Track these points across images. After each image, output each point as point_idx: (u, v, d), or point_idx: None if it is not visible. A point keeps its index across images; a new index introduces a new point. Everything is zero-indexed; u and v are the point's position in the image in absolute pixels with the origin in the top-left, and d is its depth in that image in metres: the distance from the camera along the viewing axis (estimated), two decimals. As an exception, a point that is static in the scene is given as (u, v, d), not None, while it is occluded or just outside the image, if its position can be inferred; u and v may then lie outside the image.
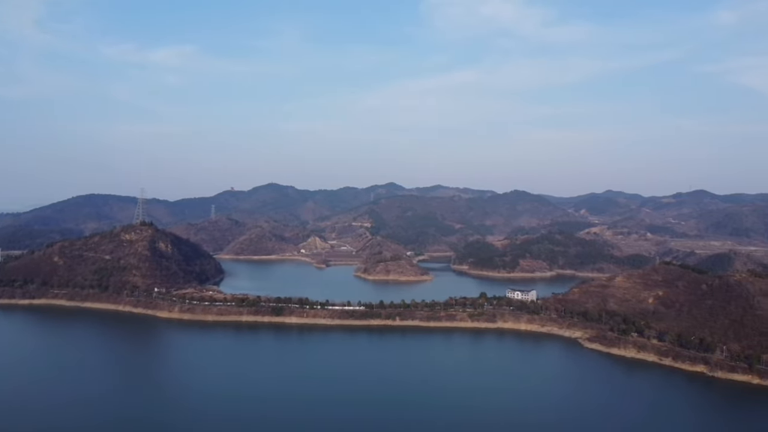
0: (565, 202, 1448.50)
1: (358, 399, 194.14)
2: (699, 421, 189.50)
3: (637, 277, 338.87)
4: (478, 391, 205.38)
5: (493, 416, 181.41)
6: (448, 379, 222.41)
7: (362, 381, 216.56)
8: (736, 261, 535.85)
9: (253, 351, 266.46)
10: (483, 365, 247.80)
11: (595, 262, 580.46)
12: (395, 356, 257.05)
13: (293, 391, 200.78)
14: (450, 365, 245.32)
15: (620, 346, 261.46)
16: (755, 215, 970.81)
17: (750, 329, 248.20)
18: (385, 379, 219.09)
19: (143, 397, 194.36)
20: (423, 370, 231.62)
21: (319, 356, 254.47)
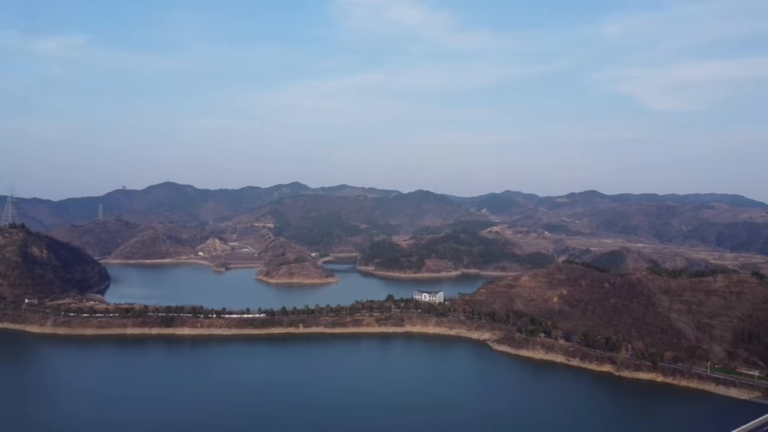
0: (467, 202, 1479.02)
1: (252, 419, 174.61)
2: (606, 421, 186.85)
3: (541, 276, 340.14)
4: (389, 407, 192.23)
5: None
6: (354, 388, 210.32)
7: (258, 399, 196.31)
8: (628, 257, 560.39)
9: (137, 368, 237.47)
10: (391, 372, 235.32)
11: (498, 261, 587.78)
12: (298, 367, 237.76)
13: (176, 415, 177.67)
14: (356, 373, 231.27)
15: (529, 348, 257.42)
16: (641, 214, 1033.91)
17: (652, 327, 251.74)
18: (285, 395, 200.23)
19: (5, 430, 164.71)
20: (328, 381, 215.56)
21: (212, 371, 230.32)
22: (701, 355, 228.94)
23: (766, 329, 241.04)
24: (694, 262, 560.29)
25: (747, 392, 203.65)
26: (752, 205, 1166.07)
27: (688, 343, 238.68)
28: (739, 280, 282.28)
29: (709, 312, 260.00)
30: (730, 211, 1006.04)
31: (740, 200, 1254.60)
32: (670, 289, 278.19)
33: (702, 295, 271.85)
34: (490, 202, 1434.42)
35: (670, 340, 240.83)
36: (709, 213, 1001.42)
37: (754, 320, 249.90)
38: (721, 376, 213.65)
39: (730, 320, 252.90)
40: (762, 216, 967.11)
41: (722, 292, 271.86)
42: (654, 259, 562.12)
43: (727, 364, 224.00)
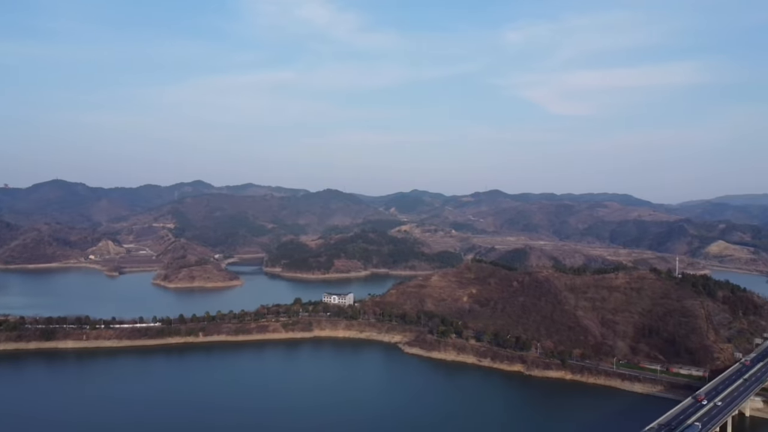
0: (376, 201, 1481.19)
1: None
2: (513, 420, 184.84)
3: (451, 275, 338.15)
4: (292, 412, 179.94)
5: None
6: (258, 396, 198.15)
7: (147, 416, 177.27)
8: (531, 255, 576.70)
9: (6, 390, 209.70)
10: (296, 380, 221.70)
11: (408, 260, 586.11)
12: (195, 380, 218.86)
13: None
14: (259, 383, 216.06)
15: (440, 350, 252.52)
16: (541, 212, 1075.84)
17: (560, 324, 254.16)
18: (178, 411, 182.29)
19: None
20: (228, 392, 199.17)
21: (94, 388, 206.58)
22: (607, 351, 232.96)
23: (664, 324, 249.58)
24: (591, 258, 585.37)
25: (650, 387, 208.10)
26: (640, 204, 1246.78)
27: (594, 339, 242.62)
28: (638, 276, 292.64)
29: (612, 308, 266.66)
30: (621, 210, 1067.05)
31: (629, 199, 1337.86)
32: (575, 287, 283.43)
33: (605, 292, 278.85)
34: (398, 202, 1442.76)
35: (578, 338, 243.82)
36: (603, 211, 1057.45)
37: (653, 315, 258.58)
38: (626, 372, 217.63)
39: (631, 316, 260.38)
40: (649, 214, 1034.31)
41: (624, 289, 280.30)
42: (555, 256, 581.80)
43: (631, 359, 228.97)
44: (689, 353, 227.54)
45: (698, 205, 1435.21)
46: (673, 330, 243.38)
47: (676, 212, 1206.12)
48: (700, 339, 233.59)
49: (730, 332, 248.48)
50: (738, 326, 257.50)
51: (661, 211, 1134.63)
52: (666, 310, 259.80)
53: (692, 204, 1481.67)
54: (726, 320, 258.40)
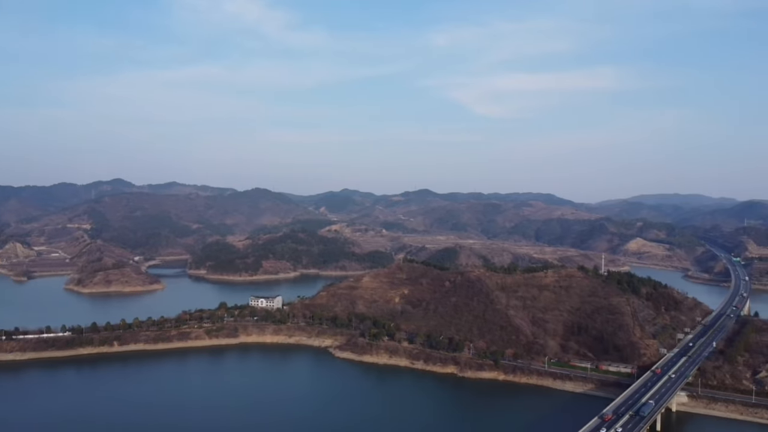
0: (306, 200, 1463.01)
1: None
2: (443, 422, 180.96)
3: (383, 276, 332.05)
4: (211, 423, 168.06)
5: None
6: (177, 405, 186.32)
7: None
8: (461, 253, 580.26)
9: None
10: (218, 390, 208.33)
11: (338, 260, 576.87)
12: (107, 394, 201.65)
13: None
14: (179, 394, 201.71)
15: (372, 353, 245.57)
16: (470, 212, 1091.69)
17: (492, 324, 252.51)
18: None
19: None
20: (145, 405, 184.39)
21: None
22: (538, 350, 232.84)
23: (593, 321, 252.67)
24: (519, 256, 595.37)
25: (581, 385, 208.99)
26: (563, 203, 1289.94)
27: (526, 339, 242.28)
28: (567, 274, 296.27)
29: (542, 307, 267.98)
30: (545, 209, 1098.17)
31: (553, 199, 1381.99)
32: (506, 286, 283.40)
33: (535, 291, 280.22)
34: (328, 201, 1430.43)
35: (510, 337, 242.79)
36: (528, 210, 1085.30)
37: (582, 313, 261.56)
38: (557, 370, 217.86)
39: (561, 314, 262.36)
40: (572, 213, 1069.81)
41: (553, 287, 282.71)
42: (484, 255, 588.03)
43: (562, 357, 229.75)
44: (617, 350, 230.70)
45: (616, 204, 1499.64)
46: (602, 327, 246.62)
47: (596, 211, 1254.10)
48: (627, 336, 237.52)
49: (654, 328, 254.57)
50: (661, 322, 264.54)
51: (582, 210, 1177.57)
52: (594, 307, 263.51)
53: (610, 203, 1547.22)
54: (650, 316, 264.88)
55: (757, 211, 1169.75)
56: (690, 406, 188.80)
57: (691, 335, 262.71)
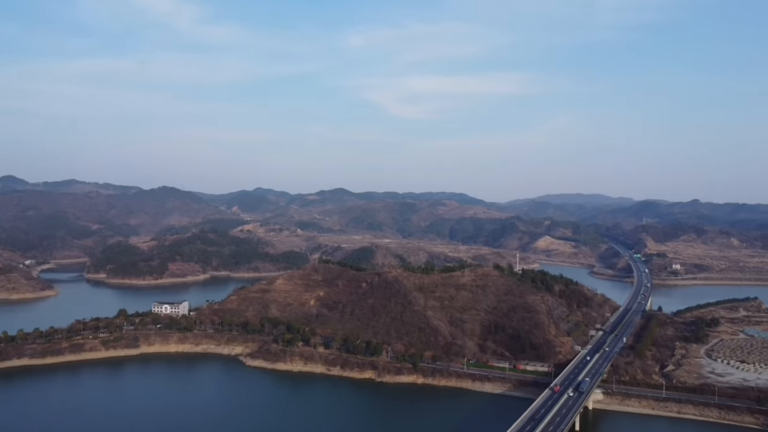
0: (217, 199, 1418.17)
1: None
2: (358, 430, 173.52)
3: (297, 278, 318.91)
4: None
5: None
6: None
7: None
8: (378, 253, 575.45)
9: None
10: (116, 407, 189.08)
11: (251, 262, 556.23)
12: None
13: None
14: (71, 416, 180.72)
15: (286, 360, 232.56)
16: (385, 211, 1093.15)
17: (410, 326, 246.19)
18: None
19: None
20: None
21: None
22: (457, 351, 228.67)
23: (509, 320, 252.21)
24: (434, 255, 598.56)
25: (500, 386, 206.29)
26: (475, 203, 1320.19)
27: (445, 340, 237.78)
28: (483, 273, 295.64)
29: (460, 307, 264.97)
30: (458, 208, 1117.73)
31: (465, 198, 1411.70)
32: (424, 286, 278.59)
33: (453, 290, 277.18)
34: (241, 200, 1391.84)
35: (428, 339, 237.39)
36: (442, 210, 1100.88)
37: (498, 312, 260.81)
38: (476, 371, 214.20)
39: (478, 313, 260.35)
40: (483, 212, 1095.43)
41: (470, 287, 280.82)
42: (400, 254, 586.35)
43: (480, 357, 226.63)
44: (534, 348, 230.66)
45: (524, 204, 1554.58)
46: (518, 326, 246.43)
47: (506, 210, 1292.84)
48: (543, 334, 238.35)
49: (568, 325, 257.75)
50: (574, 319, 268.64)
51: (493, 210, 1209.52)
52: (510, 306, 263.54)
53: (519, 202, 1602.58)
54: (564, 314, 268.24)
55: (653, 210, 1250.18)
56: (605, 403, 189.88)
57: (602, 331, 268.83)
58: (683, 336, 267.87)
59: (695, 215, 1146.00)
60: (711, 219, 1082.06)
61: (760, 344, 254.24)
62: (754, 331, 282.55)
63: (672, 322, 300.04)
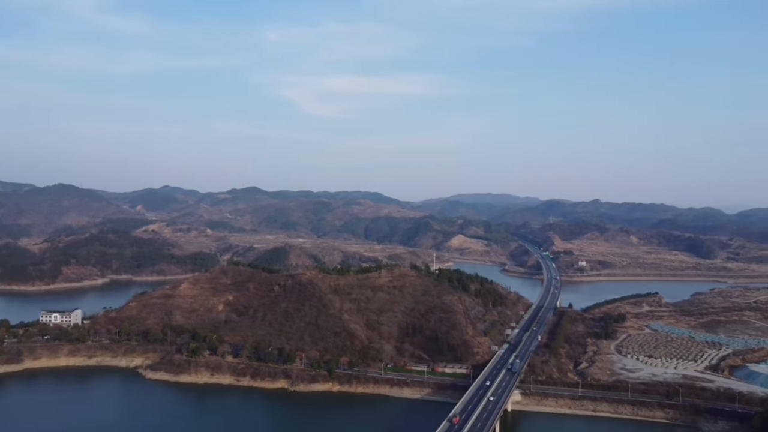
0: (120, 198, 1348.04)
1: None
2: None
3: (204, 281, 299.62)
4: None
5: None
6: None
7: None
8: (291, 253, 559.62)
9: None
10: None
11: (155, 264, 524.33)
12: None
13: None
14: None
15: (191, 371, 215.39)
16: (300, 210, 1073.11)
17: (325, 331, 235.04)
18: None
19: None
20: None
21: None
22: (374, 355, 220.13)
23: (427, 321, 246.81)
24: (350, 255, 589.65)
25: (419, 390, 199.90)
26: (389, 202, 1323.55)
27: (361, 344, 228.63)
28: (400, 274, 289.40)
29: (377, 309, 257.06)
30: (373, 207, 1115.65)
31: (380, 197, 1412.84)
32: (339, 288, 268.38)
33: (369, 292, 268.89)
34: (146, 198, 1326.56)
35: (344, 344, 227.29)
36: (357, 209, 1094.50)
37: (416, 313, 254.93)
38: (394, 376, 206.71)
39: (395, 315, 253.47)
40: (398, 211, 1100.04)
41: (387, 288, 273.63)
42: (315, 254, 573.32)
43: (398, 361, 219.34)
44: (451, 350, 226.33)
45: (438, 203, 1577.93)
46: (436, 327, 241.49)
47: (420, 209, 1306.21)
48: (461, 334, 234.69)
49: (485, 325, 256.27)
50: (490, 318, 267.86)
51: (408, 209, 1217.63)
52: (427, 307, 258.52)
53: (433, 202, 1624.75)
54: (480, 313, 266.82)
55: (558, 209, 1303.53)
56: (524, 404, 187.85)
57: (517, 330, 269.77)
58: (594, 332, 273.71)
59: (596, 214, 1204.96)
60: (611, 218, 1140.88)
61: (665, 338, 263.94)
62: (657, 326, 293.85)
63: (582, 318, 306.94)
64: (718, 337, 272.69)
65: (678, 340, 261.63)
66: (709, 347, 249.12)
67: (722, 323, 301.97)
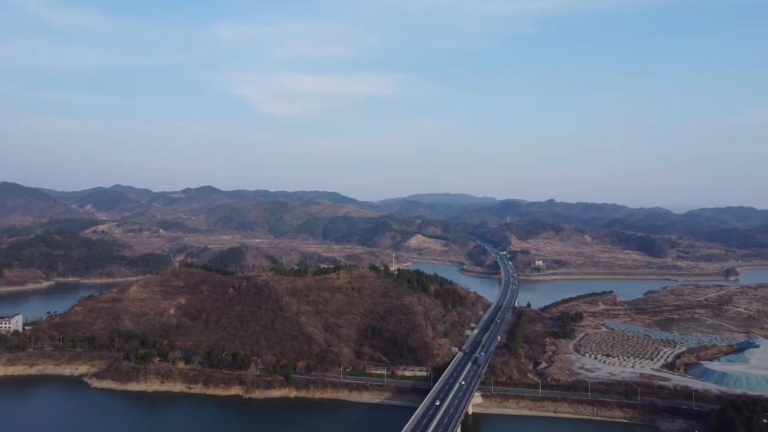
0: (69, 197, 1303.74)
1: None
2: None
3: (155, 284, 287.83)
4: None
5: None
6: None
7: None
8: (248, 254, 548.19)
9: None
10: None
11: (104, 266, 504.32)
12: None
13: None
14: None
15: (140, 379, 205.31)
16: (256, 210, 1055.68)
17: (282, 334, 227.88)
18: None
19: None
20: None
21: None
22: (332, 359, 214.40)
23: (386, 323, 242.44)
24: (308, 255, 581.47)
25: (378, 395, 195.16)
26: (348, 202, 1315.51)
27: (319, 348, 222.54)
28: (359, 275, 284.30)
29: (335, 311, 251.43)
30: (331, 207, 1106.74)
31: (338, 197, 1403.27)
32: (297, 290, 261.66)
33: (327, 294, 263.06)
34: (97, 198, 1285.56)
35: (302, 347, 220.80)
36: (316, 209, 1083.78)
37: (375, 315, 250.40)
38: (353, 380, 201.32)
39: (354, 317, 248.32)
40: (356, 211, 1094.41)
41: (345, 289, 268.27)
42: (272, 255, 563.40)
43: (357, 365, 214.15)
44: (411, 352, 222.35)
45: (396, 203, 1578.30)
46: (395, 329, 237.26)
47: (378, 209, 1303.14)
48: (421, 336, 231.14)
49: (445, 326, 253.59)
50: (450, 319, 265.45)
51: (366, 209, 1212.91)
52: (387, 308, 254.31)
53: (391, 201, 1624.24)
54: (440, 314, 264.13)
55: (514, 209, 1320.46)
56: (484, 406, 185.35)
57: (477, 330, 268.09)
58: (552, 332, 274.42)
59: (552, 214, 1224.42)
60: (566, 217, 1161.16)
61: (621, 337, 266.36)
62: (614, 324, 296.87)
63: (540, 317, 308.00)
64: (673, 335, 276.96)
65: (634, 338, 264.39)
66: (664, 345, 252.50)
67: (676, 321, 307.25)
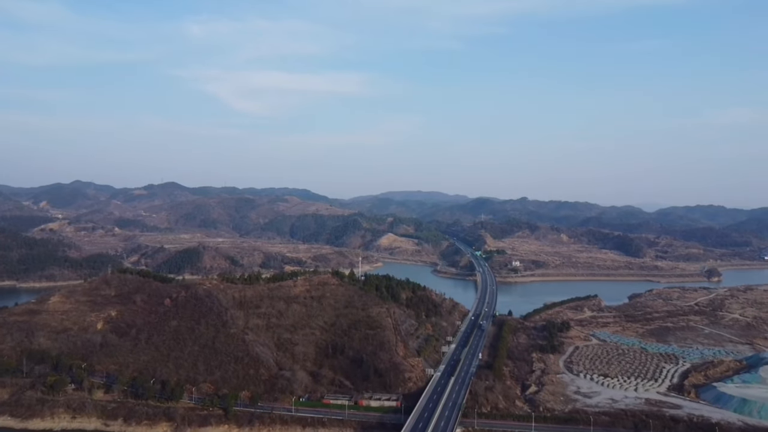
0: (23, 193, 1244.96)
1: None
2: None
3: (81, 293, 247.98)
4: None
5: None
6: None
7: None
8: (206, 255, 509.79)
9: None
10: None
11: (45, 268, 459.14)
12: None
13: None
14: None
15: (45, 414, 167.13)
16: (221, 207, 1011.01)
17: (224, 355, 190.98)
18: None
19: None
20: None
21: None
22: (284, 386, 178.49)
23: (350, 339, 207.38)
24: (271, 256, 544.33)
25: (338, 431, 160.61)
26: (318, 199, 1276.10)
27: (269, 372, 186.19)
28: (319, 282, 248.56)
29: (290, 325, 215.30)
30: (300, 204, 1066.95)
31: (308, 194, 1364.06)
32: (246, 301, 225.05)
33: (282, 305, 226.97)
34: (54, 194, 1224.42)
35: (247, 372, 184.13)
36: (284, 206, 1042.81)
37: (337, 329, 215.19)
38: (308, 413, 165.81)
39: (312, 332, 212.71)
40: (326, 208, 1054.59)
41: (304, 299, 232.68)
42: (232, 255, 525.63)
43: (314, 392, 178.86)
44: (379, 375, 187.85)
45: (367, 200, 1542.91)
46: (360, 347, 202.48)
47: (349, 206, 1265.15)
48: (390, 356, 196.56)
49: (418, 342, 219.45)
50: (424, 333, 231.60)
51: (336, 206, 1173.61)
52: (351, 321, 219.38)
53: (362, 199, 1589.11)
54: (412, 327, 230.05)
55: (488, 207, 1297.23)
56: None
57: (455, 344, 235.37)
58: (538, 344, 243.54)
59: (525, 212, 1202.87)
60: (538, 215, 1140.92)
61: (615, 351, 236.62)
62: (604, 335, 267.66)
63: (523, 327, 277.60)
64: (671, 347, 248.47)
65: (630, 352, 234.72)
66: (665, 361, 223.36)
67: (671, 330, 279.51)
